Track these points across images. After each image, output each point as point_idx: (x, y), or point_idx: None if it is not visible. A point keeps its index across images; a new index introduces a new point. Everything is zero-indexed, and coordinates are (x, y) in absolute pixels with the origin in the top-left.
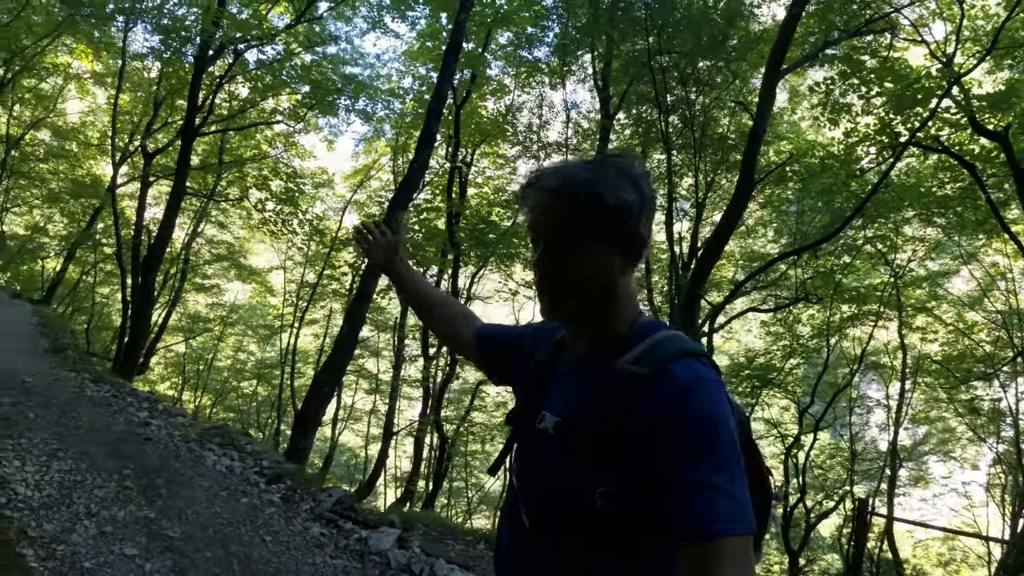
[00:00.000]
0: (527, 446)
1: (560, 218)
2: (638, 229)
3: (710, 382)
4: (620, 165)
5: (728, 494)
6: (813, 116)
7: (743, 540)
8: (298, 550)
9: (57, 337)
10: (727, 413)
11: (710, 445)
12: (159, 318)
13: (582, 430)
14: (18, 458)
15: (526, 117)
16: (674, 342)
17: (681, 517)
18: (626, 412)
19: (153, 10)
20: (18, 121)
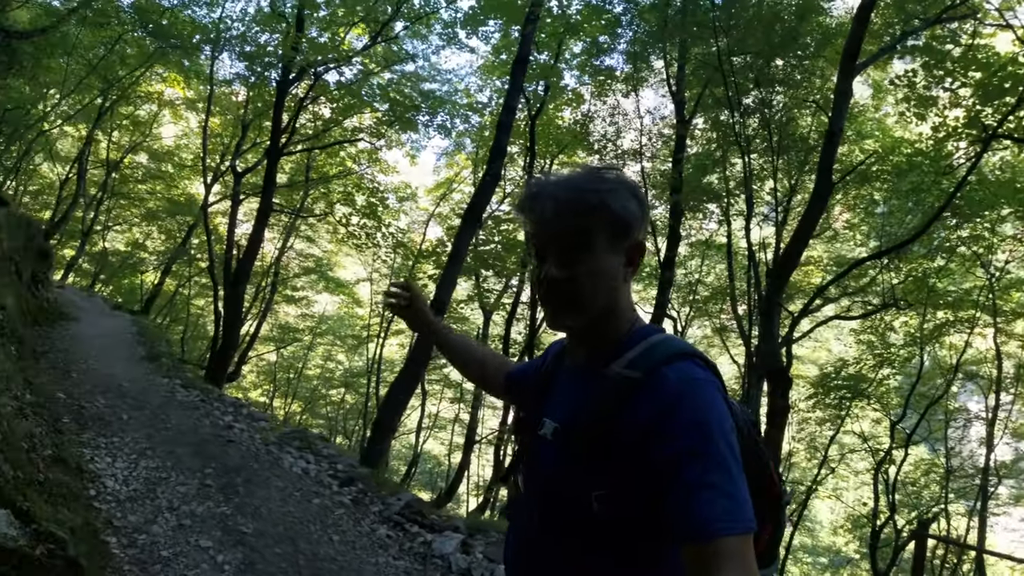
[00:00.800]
0: (530, 453)
1: (572, 227)
2: (639, 237)
3: (703, 383)
4: (619, 176)
5: (725, 493)
6: (898, 112)
7: (742, 539)
8: (363, 550)
9: (153, 345)
10: (721, 413)
11: (704, 446)
12: (251, 328)
13: (578, 435)
14: (110, 455)
15: (601, 126)
16: (667, 345)
17: (679, 518)
18: (620, 416)
19: (237, 38)
20: (117, 146)
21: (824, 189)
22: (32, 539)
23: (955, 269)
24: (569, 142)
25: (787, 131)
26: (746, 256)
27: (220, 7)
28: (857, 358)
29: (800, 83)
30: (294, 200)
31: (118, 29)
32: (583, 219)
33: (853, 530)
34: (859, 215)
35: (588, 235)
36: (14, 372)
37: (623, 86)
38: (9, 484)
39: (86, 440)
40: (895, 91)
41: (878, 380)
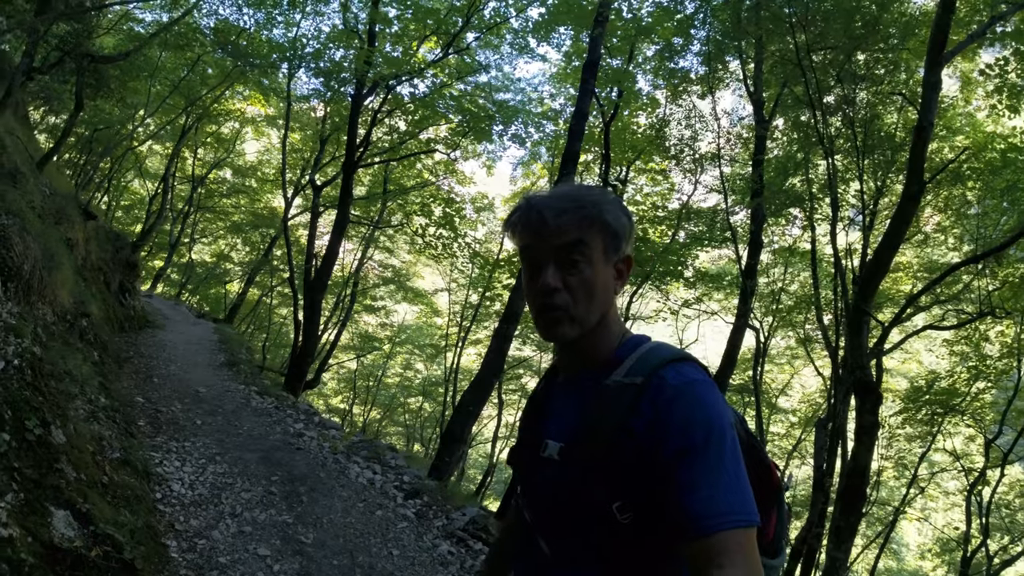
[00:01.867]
0: (535, 478)
1: (571, 237)
2: (628, 251)
3: (701, 383)
4: (607, 192)
5: (727, 487)
6: (990, 105)
7: (745, 532)
8: (423, 566)
9: (233, 353)
10: (721, 411)
11: (705, 442)
12: (331, 336)
13: (586, 448)
14: (179, 459)
15: (677, 130)
16: (661, 351)
17: (682, 514)
18: (625, 422)
19: (313, 56)
20: (202, 162)
21: (915, 189)
22: (89, 540)
23: None
24: (645, 147)
25: (872, 129)
26: (831, 263)
27: (296, 26)
28: (950, 371)
29: (884, 77)
30: (372, 212)
31: (198, 51)
32: (582, 229)
33: (942, 554)
34: (950, 217)
35: (586, 245)
36: (91, 376)
37: (699, 88)
38: (71, 486)
39: (158, 444)
40: (984, 83)
41: (972, 394)
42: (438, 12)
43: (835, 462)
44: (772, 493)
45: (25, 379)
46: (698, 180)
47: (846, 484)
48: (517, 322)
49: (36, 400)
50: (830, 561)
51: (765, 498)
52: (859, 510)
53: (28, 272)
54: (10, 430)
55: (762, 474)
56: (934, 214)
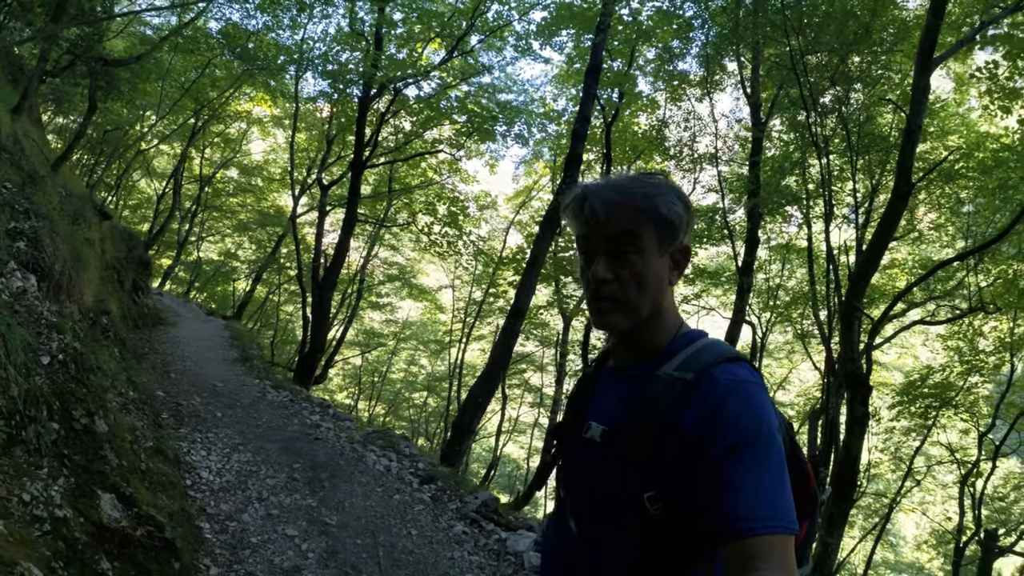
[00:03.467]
0: (574, 456)
1: (622, 228)
2: (684, 241)
3: (752, 384)
4: (664, 181)
5: (769, 492)
6: (982, 105)
7: (784, 539)
8: (440, 544)
9: (245, 349)
10: (769, 414)
11: (752, 445)
12: (337, 333)
13: (629, 436)
14: (204, 449)
15: (676, 131)
16: (715, 348)
17: (721, 515)
18: (672, 417)
19: (319, 58)
20: (210, 162)
21: (904, 189)
22: (133, 521)
23: None
24: (645, 148)
25: (866, 130)
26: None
27: (302, 29)
28: (944, 365)
29: (877, 80)
30: (378, 210)
31: (208, 54)
32: (633, 220)
33: (938, 546)
34: (944, 215)
35: (638, 237)
36: (119, 371)
37: (697, 90)
38: (114, 471)
39: (183, 435)
40: (977, 84)
41: (966, 388)
42: (442, 15)
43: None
44: (808, 501)
45: (69, 372)
46: (697, 179)
47: (838, 472)
48: (523, 318)
49: (80, 392)
50: (823, 546)
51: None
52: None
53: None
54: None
55: (801, 480)
56: (928, 212)
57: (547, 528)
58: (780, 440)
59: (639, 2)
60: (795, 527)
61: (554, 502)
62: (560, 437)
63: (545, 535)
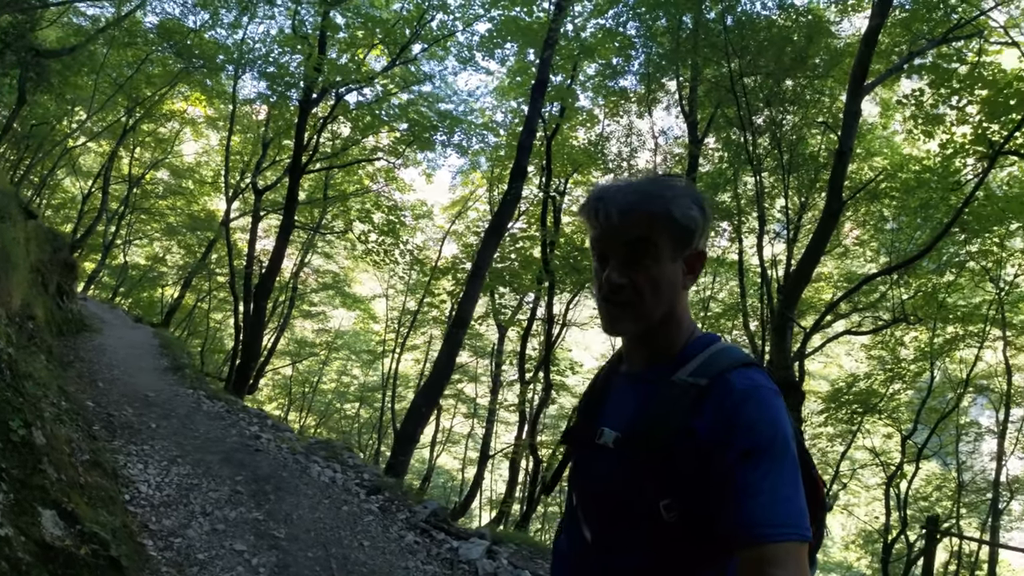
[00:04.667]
0: (586, 462)
1: (636, 233)
2: (700, 245)
3: (767, 390)
4: (682, 184)
5: (784, 498)
6: (907, 129)
7: (799, 546)
8: (393, 555)
9: (176, 357)
10: (784, 420)
11: (767, 450)
12: (268, 342)
13: (643, 442)
14: (141, 462)
15: (615, 146)
16: (730, 353)
17: (736, 520)
18: (687, 422)
19: (260, 59)
20: (139, 162)
21: (835, 207)
22: (77, 539)
23: (964, 284)
24: (583, 161)
25: (797, 150)
26: (757, 273)
27: (243, 29)
28: (868, 373)
29: (810, 103)
30: (313, 217)
31: (145, 49)
32: (647, 226)
33: (865, 545)
34: (869, 232)
35: (651, 242)
36: (50, 380)
37: (637, 107)
38: (55, 486)
39: (117, 447)
40: (903, 109)
41: (889, 395)
42: (387, 22)
43: None
44: (818, 509)
45: (5, 380)
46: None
47: None
48: (467, 327)
49: (16, 401)
50: None
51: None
52: None
53: None
54: None
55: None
56: (854, 228)
57: (559, 534)
58: (794, 447)
59: (583, 19)
60: (809, 534)
61: (565, 508)
62: (572, 442)
63: (557, 542)
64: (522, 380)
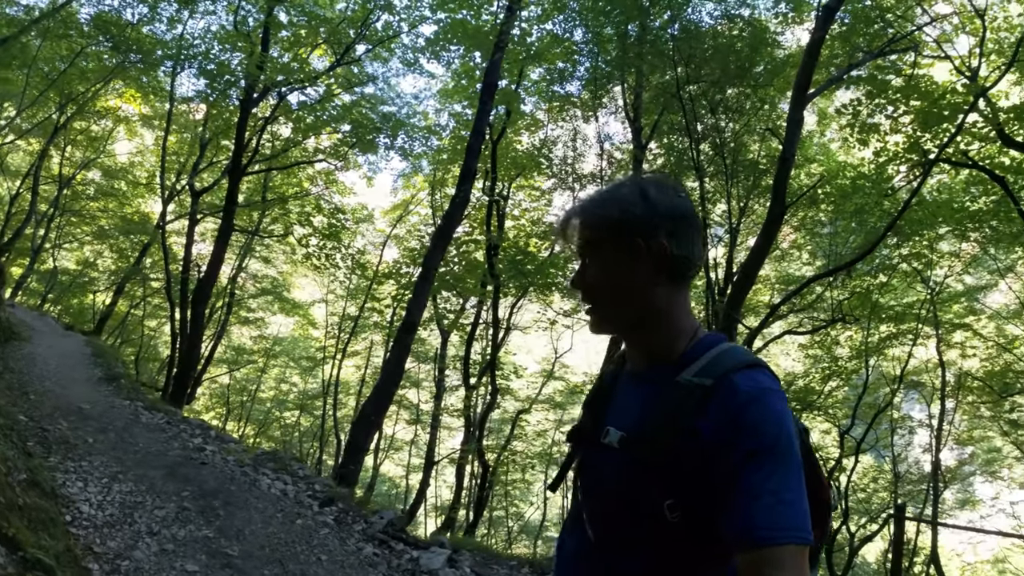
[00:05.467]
0: (591, 462)
1: (583, 239)
2: (655, 239)
3: (772, 392)
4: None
5: (786, 501)
6: (843, 137)
7: (800, 549)
8: (352, 568)
9: (110, 366)
10: (789, 422)
11: (771, 453)
12: (205, 350)
13: (648, 442)
14: (80, 479)
15: (560, 150)
16: (735, 354)
17: (737, 522)
18: (691, 423)
19: (199, 55)
20: (70, 161)
21: (777, 212)
22: (20, 566)
23: (897, 285)
24: (528, 165)
25: (739, 156)
26: (700, 275)
27: (183, 24)
28: (806, 372)
29: (751, 111)
30: (251, 220)
31: (79, 42)
32: (590, 229)
33: None
34: (805, 236)
35: (594, 245)
36: None
37: (582, 112)
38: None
39: (54, 464)
40: (839, 118)
41: (826, 392)
42: (331, 21)
43: None
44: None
45: None
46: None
47: None
48: (415, 331)
49: None
50: None
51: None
52: None
53: None
54: None
55: (816, 488)
56: (791, 232)
57: (563, 535)
58: (798, 449)
59: (529, 24)
60: (811, 538)
61: (570, 507)
62: (577, 441)
63: (561, 541)
64: (466, 385)
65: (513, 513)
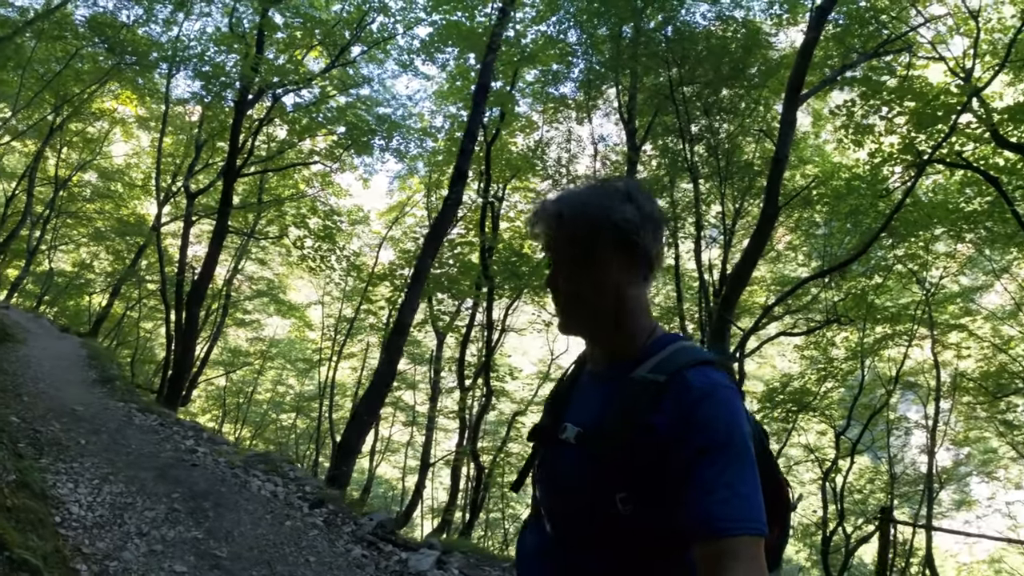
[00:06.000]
0: (549, 458)
1: (573, 240)
2: (638, 242)
3: (724, 388)
4: (615, 185)
5: (741, 494)
6: (837, 139)
7: (755, 540)
8: (340, 570)
9: (105, 368)
10: (741, 417)
11: (724, 447)
12: (201, 352)
13: (602, 438)
14: (71, 480)
15: (555, 152)
16: (690, 351)
17: (693, 515)
18: (645, 419)
19: (194, 57)
20: (66, 163)
21: (770, 212)
22: (6, 567)
23: (892, 286)
24: (523, 167)
25: (733, 157)
26: (693, 277)
27: (178, 26)
28: (801, 373)
29: (745, 112)
30: (247, 222)
31: (74, 43)
32: (579, 228)
33: (803, 538)
34: (800, 237)
35: (589, 248)
36: None
37: (576, 113)
38: None
39: (45, 465)
40: (834, 119)
41: (822, 393)
42: (326, 23)
43: None
44: (781, 509)
45: None
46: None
47: None
48: (407, 334)
49: None
50: None
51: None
52: None
53: None
54: None
55: (775, 489)
56: (786, 233)
57: (523, 532)
58: (751, 443)
59: (523, 25)
60: (766, 529)
61: (531, 505)
62: (537, 439)
63: (521, 539)
64: (462, 387)
65: (509, 515)
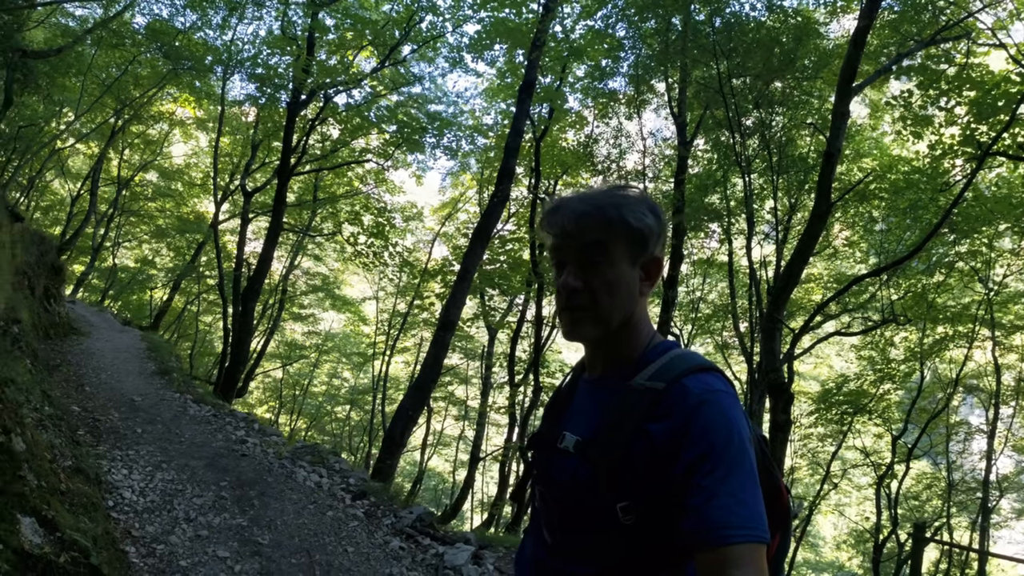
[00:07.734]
0: (548, 467)
1: (590, 238)
2: (656, 252)
3: (723, 394)
4: (636, 192)
5: (742, 501)
6: (896, 130)
7: (757, 548)
8: (377, 561)
9: (163, 361)
10: (741, 423)
11: (723, 454)
12: (258, 345)
13: (601, 446)
14: (126, 467)
15: (604, 147)
16: (687, 359)
17: (694, 523)
18: (643, 426)
19: (248, 60)
20: (128, 164)
21: (823, 209)
22: (56, 547)
23: (954, 284)
24: (573, 163)
25: (786, 151)
26: (747, 274)
27: (232, 30)
28: (858, 374)
29: (799, 104)
30: (302, 219)
31: (132, 51)
32: (602, 230)
33: (856, 545)
34: (858, 233)
35: (605, 245)
36: (32, 385)
37: (626, 108)
38: (34, 493)
39: (102, 452)
40: (891, 110)
41: (879, 395)
42: (376, 23)
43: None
44: (780, 516)
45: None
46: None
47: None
48: (453, 330)
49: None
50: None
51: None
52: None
53: None
54: None
55: (775, 495)
56: (843, 229)
57: (523, 540)
58: (751, 450)
59: (571, 20)
60: (767, 536)
61: (530, 514)
62: (536, 448)
63: (521, 547)
64: (512, 382)
65: None
